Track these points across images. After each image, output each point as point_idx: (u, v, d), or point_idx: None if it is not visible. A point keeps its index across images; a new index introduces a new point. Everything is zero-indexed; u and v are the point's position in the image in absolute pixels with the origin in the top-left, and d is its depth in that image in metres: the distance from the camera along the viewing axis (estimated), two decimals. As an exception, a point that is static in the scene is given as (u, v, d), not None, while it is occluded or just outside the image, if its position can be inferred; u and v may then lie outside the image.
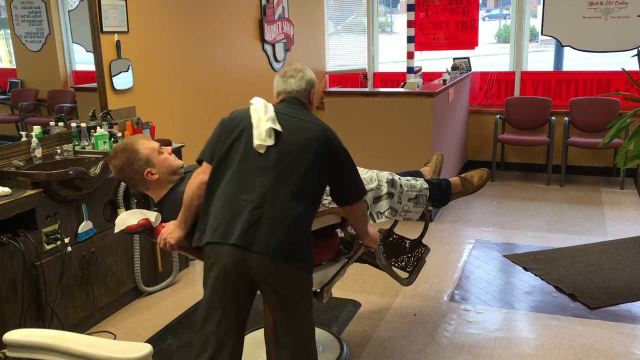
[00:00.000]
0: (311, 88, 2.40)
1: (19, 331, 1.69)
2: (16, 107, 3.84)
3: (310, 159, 2.16)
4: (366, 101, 4.96)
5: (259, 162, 2.16)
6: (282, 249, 2.08)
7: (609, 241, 4.37)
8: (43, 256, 2.94)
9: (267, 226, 2.07)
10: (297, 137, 2.19)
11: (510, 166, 6.48)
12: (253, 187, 2.13)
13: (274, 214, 2.09)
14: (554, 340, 3.08)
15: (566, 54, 6.54)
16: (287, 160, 2.16)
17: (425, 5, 6.34)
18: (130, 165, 2.47)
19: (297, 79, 2.37)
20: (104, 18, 3.69)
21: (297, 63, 2.47)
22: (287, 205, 2.11)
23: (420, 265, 3.08)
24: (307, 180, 2.16)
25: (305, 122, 2.24)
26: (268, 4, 5.63)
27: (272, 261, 2.07)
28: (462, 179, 3.10)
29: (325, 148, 2.19)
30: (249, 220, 2.08)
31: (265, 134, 2.17)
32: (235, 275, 2.11)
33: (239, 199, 2.12)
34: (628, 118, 3.69)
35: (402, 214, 2.85)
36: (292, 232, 2.11)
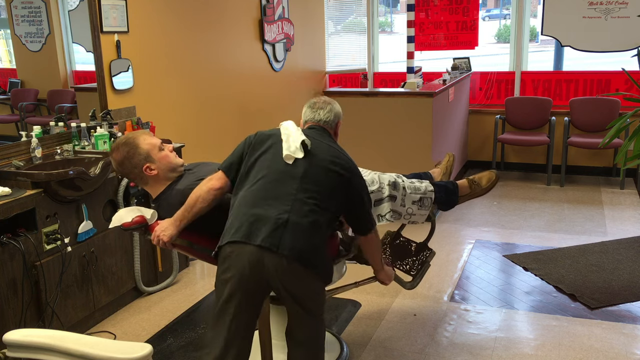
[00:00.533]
0: (338, 120, 2.57)
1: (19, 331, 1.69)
2: (16, 107, 3.84)
3: (333, 179, 2.28)
4: (366, 101, 4.97)
5: (287, 172, 2.25)
6: (305, 254, 2.14)
7: (609, 241, 4.37)
8: (43, 256, 2.94)
9: (292, 230, 2.13)
10: (324, 156, 2.31)
11: (510, 166, 6.48)
12: (280, 194, 2.20)
13: (299, 220, 2.15)
14: (554, 340, 3.08)
15: (566, 54, 6.54)
16: (314, 173, 2.26)
17: (425, 5, 6.34)
18: (130, 159, 2.49)
19: (326, 111, 2.53)
20: (104, 18, 3.69)
21: (325, 96, 2.66)
22: (311, 214, 2.18)
23: (424, 269, 3.04)
24: (329, 196, 2.26)
25: (332, 148, 2.38)
26: (268, 4, 5.63)
27: (293, 264, 2.12)
28: (469, 181, 3.05)
29: (347, 175, 2.31)
30: (275, 222, 2.12)
31: (296, 147, 2.28)
32: (252, 277, 2.12)
33: (265, 203, 2.18)
34: (628, 118, 3.69)
35: (407, 217, 2.84)
36: (314, 239, 2.18)
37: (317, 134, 2.43)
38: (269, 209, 2.15)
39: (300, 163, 2.26)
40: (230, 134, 5.00)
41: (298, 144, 2.28)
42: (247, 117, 5.47)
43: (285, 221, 2.13)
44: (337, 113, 2.57)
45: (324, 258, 2.25)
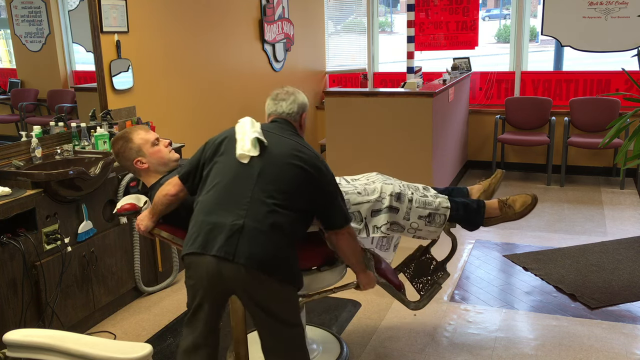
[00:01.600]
0: (302, 112, 2.43)
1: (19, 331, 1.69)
2: (16, 107, 3.84)
3: (294, 175, 2.14)
4: (366, 101, 4.96)
5: (242, 172, 2.14)
6: (265, 260, 2.04)
7: (609, 241, 4.37)
8: (43, 256, 2.94)
9: (248, 237, 2.03)
10: (284, 151, 2.19)
11: (510, 166, 6.48)
12: (236, 197, 2.10)
13: (256, 225, 2.05)
14: (554, 340, 3.08)
15: (566, 54, 6.54)
16: (271, 171, 2.13)
17: (425, 5, 6.34)
18: (123, 152, 2.60)
19: (288, 103, 2.40)
20: (104, 18, 3.69)
21: (288, 86, 2.48)
22: (271, 215, 2.06)
23: (434, 290, 2.86)
24: (291, 194, 2.13)
25: (293, 142, 2.25)
26: (268, 4, 5.63)
27: (254, 272, 2.03)
28: (501, 202, 2.84)
29: (310, 170, 2.17)
30: (230, 230, 2.04)
31: (250, 144, 2.16)
32: (214, 287, 2.10)
33: (221, 209, 2.09)
34: (628, 118, 3.69)
35: (411, 231, 2.68)
36: (275, 243, 2.06)
37: (278, 128, 2.32)
38: (224, 216, 2.07)
39: (256, 161, 2.14)
40: (230, 134, 5.00)
41: (252, 141, 2.16)
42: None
43: (240, 227, 2.03)
44: (301, 104, 2.42)
45: (289, 261, 2.12)
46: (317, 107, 6.95)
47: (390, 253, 2.92)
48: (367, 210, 2.58)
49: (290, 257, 2.13)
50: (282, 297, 2.13)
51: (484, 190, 3.00)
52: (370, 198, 2.59)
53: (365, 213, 2.58)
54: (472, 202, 2.81)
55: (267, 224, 2.05)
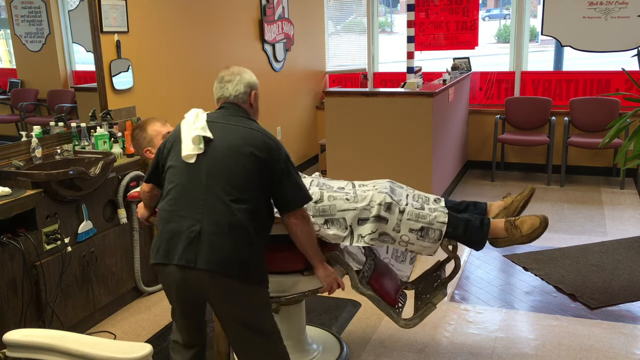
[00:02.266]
0: (251, 91, 2.30)
1: (19, 331, 1.69)
2: (16, 107, 3.84)
3: (246, 164, 2.07)
4: (366, 101, 4.96)
5: (191, 174, 2.09)
6: (227, 263, 2.00)
7: (609, 241, 4.37)
8: (43, 256, 2.94)
9: (207, 241, 1.99)
10: (229, 143, 2.11)
11: (510, 166, 6.48)
12: (190, 201, 2.06)
13: (214, 227, 2.01)
14: (554, 340, 3.08)
15: (566, 54, 6.54)
16: (219, 168, 2.07)
17: (425, 5, 6.34)
18: (137, 140, 2.83)
19: (234, 84, 2.27)
20: (104, 18, 3.69)
21: (234, 66, 2.34)
22: (228, 216, 2.02)
23: (427, 310, 2.63)
24: (245, 186, 2.07)
25: (240, 128, 2.16)
26: (268, 4, 5.63)
27: (217, 278, 2.00)
28: (507, 222, 2.55)
29: (263, 156, 2.10)
30: (188, 237, 2.01)
31: (194, 143, 2.10)
32: (183, 294, 2.10)
33: (178, 216, 2.06)
34: (628, 118, 3.69)
35: (402, 244, 2.50)
36: (234, 245, 2.02)
37: (225, 115, 2.22)
38: (181, 222, 2.03)
39: (203, 159, 2.08)
40: (230, 134, 5.00)
41: (194, 139, 2.10)
42: (247, 117, 5.47)
43: (198, 233, 2.00)
44: (247, 83, 2.29)
45: (252, 260, 2.06)
46: (317, 107, 6.95)
47: (407, 265, 2.86)
48: (353, 218, 2.46)
49: (253, 256, 2.07)
50: (249, 300, 2.09)
51: (504, 208, 2.68)
52: (357, 205, 2.47)
53: (350, 220, 2.46)
54: (475, 219, 2.55)
55: (224, 225, 2.01)
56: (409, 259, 2.88)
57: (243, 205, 2.04)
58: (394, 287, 2.72)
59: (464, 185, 6.03)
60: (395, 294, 2.67)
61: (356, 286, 2.53)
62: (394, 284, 2.74)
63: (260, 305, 2.14)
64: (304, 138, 6.73)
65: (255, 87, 2.33)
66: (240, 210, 2.03)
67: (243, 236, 2.04)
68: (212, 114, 2.25)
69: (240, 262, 2.03)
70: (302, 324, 2.85)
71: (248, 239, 2.05)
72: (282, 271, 2.53)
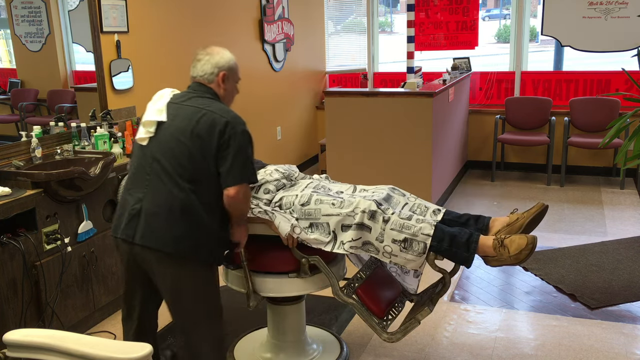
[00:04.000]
0: (219, 72, 2.30)
1: (19, 331, 1.69)
2: (16, 107, 3.84)
3: (187, 146, 2.13)
4: (366, 101, 4.96)
5: (142, 155, 2.22)
6: (160, 241, 2.13)
7: (609, 241, 4.37)
8: (43, 256, 2.94)
9: (145, 219, 2.14)
10: (178, 125, 2.18)
11: (510, 166, 6.48)
12: (137, 180, 2.21)
13: (153, 207, 2.13)
14: (554, 340, 3.08)
15: (566, 54, 6.54)
16: (164, 150, 2.16)
17: (425, 5, 6.34)
18: None
19: (202, 63, 2.31)
20: (104, 18, 3.69)
21: (212, 46, 2.38)
22: (167, 197, 2.12)
23: (410, 325, 2.53)
24: (188, 169, 2.13)
25: (192, 109, 2.20)
26: (268, 4, 5.63)
27: (155, 253, 2.14)
28: (496, 241, 2.38)
29: (207, 139, 2.13)
30: (129, 214, 2.17)
31: (144, 127, 2.22)
32: (127, 263, 2.29)
33: (127, 194, 2.23)
34: (628, 118, 3.69)
35: (386, 255, 2.41)
36: (173, 224, 2.12)
37: (186, 96, 2.27)
38: (128, 200, 2.20)
39: (153, 143, 2.19)
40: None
41: (145, 123, 2.23)
42: (247, 117, 5.45)
43: (138, 210, 2.15)
44: (216, 63, 2.29)
45: (195, 239, 2.14)
46: (317, 107, 6.95)
47: (411, 278, 2.81)
48: (337, 224, 2.42)
49: (192, 235, 2.15)
50: (186, 277, 2.19)
51: (507, 225, 2.48)
52: (341, 211, 2.42)
53: (334, 226, 2.43)
54: (463, 233, 2.39)
55: (164, 205, 2.12)
56: (413, 271, 2.83)
57: (186, 186, 2.13)
58: (388, 298, 2.65)
59: (464, 185, 6.03)
60: (386, 306, 2.60)
61: (336, 293, 2.51)
62: (390, 294, 2.67)
63: (198, 283, 2.23)
64: (304, 138, 6.73)
65: (226, 68, 2.31)
66: (182, 191, 2.12)
67: (183, 216, 2.12)
68: (178, 93, 2.32)
69: (175, 240, 2.13)
70: (302, 324, 2.85)
71: (189, 218, 2.13)
72: (269, 271, 2.57)
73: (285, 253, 2.54)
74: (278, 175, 2.64)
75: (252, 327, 3.15)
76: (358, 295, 2.55)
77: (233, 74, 2.34)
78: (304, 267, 2.51)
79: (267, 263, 2.57)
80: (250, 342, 3.00)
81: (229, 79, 2.33)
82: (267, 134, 5.90)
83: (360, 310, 2.51)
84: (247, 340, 3.03)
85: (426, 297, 2.66)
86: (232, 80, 2.34)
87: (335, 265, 2.67)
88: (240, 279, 2.61)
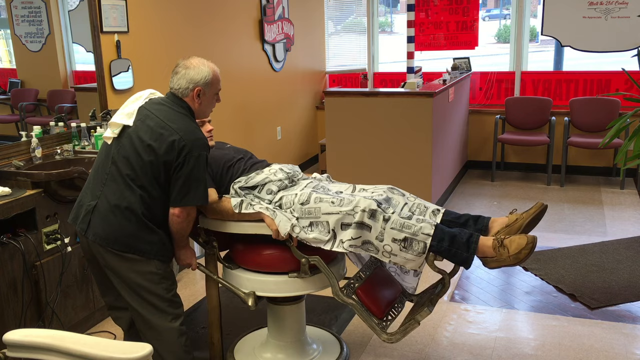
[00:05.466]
0: (194, 87, 2.34)
1: (19, 331, 1.69)
2: (16, 107, 3.84)
3: (141, 155, 2.22)
4: (366, 101, 4.96)
5: (105, 154, 2.32)
6: (106, 237, 2.24)
7: (609, 241, 4.37)
8: (43, 256, 2.93)
9: (98, 216, 2.25)
10: (140, 132, 2.25)
11: (510, 166, 6.48)
12: (97, 178, 2.31)
13: (106, 205, 2.25)
14: (554, 340, 3.08)
15: (566, 54, 6.54)
16: (122, 154, 2.25)
17: (425, 5, 6.34)
18: None
19: (179, 77, 2.36)
20: (104, 18, 3.69)
21: (193, 58, 2.38)
22: (119, 198, 2.23)
23: (409, 326, 2.51)
24: (140, 175, 2.23)
25: (157, 120, 2.26)
26: (268, 4, 5.63)
27: (101, 248, 2.26)
28: (496, 241, 2.36)
29: (158, 148, 2.21)
30: (86, 209, 2.29)
31: (111, 127, 2.31)
32: (84, 254, 2.41)
33: (88, 189, 2.34)
34: (628, 118, 3.69)
35: (386, 255, 2.39)
36: (120, 222, 2.23)
37: (160, 105, 2.33)
38: (88, 195, 2.32)
39: (116, 142, 2.29)
40: (229, 134, 5.00)
41: (111, 124, 2.31)
42: (247, 117, 5.47)
43: (93, 207, 2.27)
44: (191, 79, 2.32)
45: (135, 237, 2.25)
46: (317, 107, 6.95)
47: (411, 277, 2.80)
48: (336, 222, 2.41)
49: (136, 235, 2.25)
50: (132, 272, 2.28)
51: (506, 225, 2.47)
52: (341, 209, 2.40)
53: (333, 224, 2.41)
54: (464, 234, 2.39)
55: (114, 205, 2.23)
56: (413, 271, 2.83)
57: (136, 191, 2.23)
58: (388, 299, 2.64)
59: (464, 185, 6.03)
60: (386, 306, 2.59)
61: (336, 293, 2.50)
62: (389, 295, 2.66)
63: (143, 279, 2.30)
64: (304, 138, 6.74)
65: (201, 84, 2.34)
66: (132, 194, 2.23)
67: (130, 217, 2.24)
68: (154, 98, 2.40)
69: (121, 238, 2.24)
70: (302, 324, 2.85)
71: (134, 219, 2.24)
72: (269, 271, 2.57)
73: (285, 253, 2.54)
74: (282, 175, 2.62)
75: (252, 327, 3.15)
76: (358, 295, 2.54)
77: (210, 88, 2.38)
78: (304, 267, 2.51)
79: (267, 263, 2.57)
80: (250, 342, 3.00)
81: (205, 94, 2.37)
82: (267, 134, 5.90)
83: (360, 311, 2.50)
84: (247, 340, 3.03)
85: (426, 298, 2.65)
86: (208, 94, 2.38)
87: (335, 265, 2.67)
88: (240, 279, 2.61)
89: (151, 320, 2.34)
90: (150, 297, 2.32)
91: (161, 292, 2.33)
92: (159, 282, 2.33)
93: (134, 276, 2.30)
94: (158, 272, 2.33)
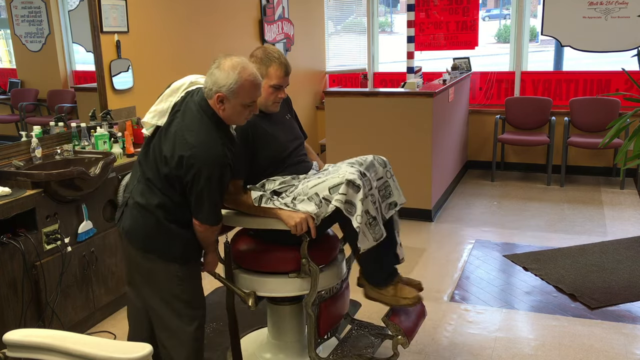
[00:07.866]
0: (216, 92, 2.10)
1: (19, 331, 1.69)
2: (16, 107, 3.84)
3: (159, 163, 2.21)
4: (366, 101, 4.96)
5: (144, 151, 2.33)
6: (130, 232, 2.27)
7: (609, 241, 4.37)
8: (43, 256, 2.93)
9: (129, 211, 2.29)
10: (162, 140, 2.22)
11: (510, 166, 6.48)
12: (134, 174, 2.37)
13: (134, 202, 2.27)
14: (554, 340, 3.08)
15: (566, 54, 6.54)
16: (150, 156, 2.26)
17: (425, 5, 6.34)
18: None
19: (209, 74, 2.15)
20: (104, 18, 3.69)
21: (229, 58, 2.12)
22: (144, 197, 2.25)
23: None
24: (159, 180, 2.22)
25: (177, 135, 2.15)
26: (268, 4, 5.63)
27: (127, 242, 2.30)
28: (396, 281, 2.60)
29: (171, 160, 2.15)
30: (122, 203, 2.36)
31: (145, 126, 2.34)
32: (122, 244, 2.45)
33: (130, 181, 2.39)
34: (628, 118, 3.69)
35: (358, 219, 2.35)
36: (143, 222, 2.25)
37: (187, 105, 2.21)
38: (128, 187, 2.38)
39: (149, 144, 2.30)
40: (230, 134, 4.99)
41: (145, 123, 2.33)
42: (247, 117, 5.46)
43: (126, 202, 2.32)
44: (215, 82, 2.09)
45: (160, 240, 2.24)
46: (317, 107, 6.95)
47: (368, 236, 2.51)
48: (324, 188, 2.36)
49: (158, 235, 2.25)
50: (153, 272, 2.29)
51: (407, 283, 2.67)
52: (327, 177, 2.41)
53: (322, 193, 2.36)
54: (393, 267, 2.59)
55: (139, 202, 2.25)
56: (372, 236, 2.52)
57: (158, 194, 2.23)
58: (335, 318, 2.69)
59: (464, 185, 6.03)
60: (330, 326, 2.63)
61: (306, 303, 2.51)
62: (337, 314, 2.70)
63: (156, 279, 2.30)
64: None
65: (224, 90, 2.09)
66: (155, 197, 2.23)
67: (150, 217, 2.24)
68: (191, 91, 2.27)
69: (141, 237, 2.26)
70: (302, 324, 2.84)
71: (154, 220, 2.24)
72: (269, 271, 2.57)
73: (285, 253, 2.54)
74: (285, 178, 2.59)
75: (252, 327, 3.14)
76: (320, 309, 2.54)
77: (235, 97, 2.11)
78: (304, 267, 2.50)
79: (267, 263, 2.57)
80: (250, 342, 3.00)
81: (229, 102, 2.12)
82: (267, 134, 5.89)
83: (310, 327, 2.53)
84: (247, 340, 3.03)
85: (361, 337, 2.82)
86: (233, 103, 2.13)
87: (334, 267, 2.66)
88: (240, 279, 2.61)
89: (168, 322, 2.31)
90: (169, 298, 2.30)
91: (179, 293, 2.30)
92: (179, 283, 2.29)
93: (153, 275, 2.29)
94: (177, 274, 2.29)
